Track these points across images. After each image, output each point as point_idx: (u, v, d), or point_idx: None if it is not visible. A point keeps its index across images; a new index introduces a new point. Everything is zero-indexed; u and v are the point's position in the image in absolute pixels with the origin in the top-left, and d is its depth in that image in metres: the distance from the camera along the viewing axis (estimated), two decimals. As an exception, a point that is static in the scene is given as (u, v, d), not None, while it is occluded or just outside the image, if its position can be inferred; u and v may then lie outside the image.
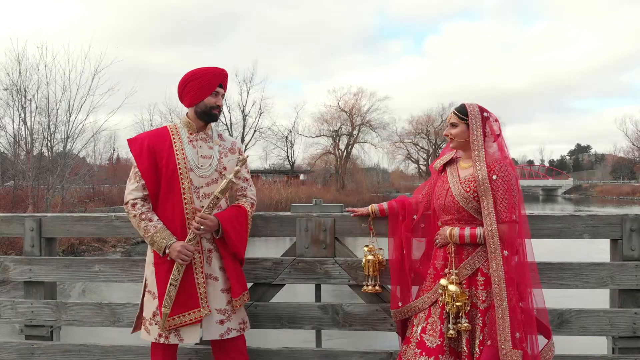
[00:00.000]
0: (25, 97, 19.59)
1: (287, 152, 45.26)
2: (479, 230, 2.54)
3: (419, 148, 59.43)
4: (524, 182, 71.99)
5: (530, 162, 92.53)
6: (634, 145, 56.78)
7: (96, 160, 30.99)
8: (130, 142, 2.78)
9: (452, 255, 2.59)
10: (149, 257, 2.76)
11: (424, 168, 58.11)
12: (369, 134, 48.64)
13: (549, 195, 72.85)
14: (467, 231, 2.56)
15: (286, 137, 45.14)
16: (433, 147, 57.82)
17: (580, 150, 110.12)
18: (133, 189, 2.72)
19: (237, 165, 2.75)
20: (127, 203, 2.73)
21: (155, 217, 2.68)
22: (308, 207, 3.10)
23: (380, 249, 2.95)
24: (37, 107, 19.80)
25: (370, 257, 2.91)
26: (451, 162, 2.77)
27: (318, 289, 3.13)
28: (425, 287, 2.70)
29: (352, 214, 3.03)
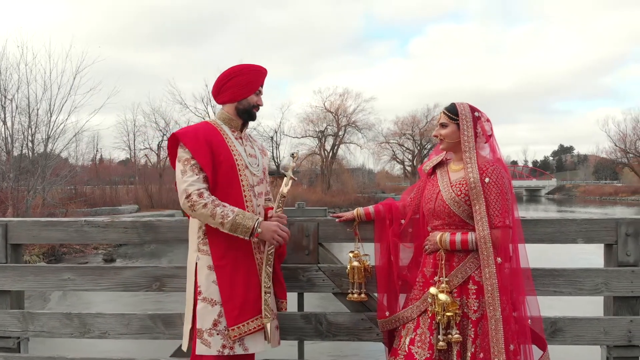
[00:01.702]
0: (5, 96, 19.17)
1: (272, 153, 44.91)
2: (470, 236, 2.41)
3: (404, 149, 59.47)
4: (508, 183, 72.31)
5: (514, 163, 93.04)
6: (616, 146, 57.25)
7: (78, 161, 30.45)
8: (182, 135, 2.50)
9: (442, 262, 2.45)
10: (203, 260, 2.48)
11: (409, 169, 58.17)
12: (355, 134, 48.59)
13: (533, 195, 73.45)
14: (458, 237, 2.43)
15: (272, 137, 44.85)
16: (418, 147, 57.89)
17: (564, 151, 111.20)
18: (193, 180, 2.43)
19: (292, 162, 2.68)
20: (189, 195, 2.41)
21: (227, 204, 2.45)
22: (290, 211, 2.95)
23: (367, 254, 2.81)
24: (17, 107, 19.42)
25: (355, 263, 2.76)
26: (441, 164, 2.64)
27: (301, 297, 2.98)
28: (413, 295, 2.56)
29: (337, 220, 2.88)
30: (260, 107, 2.67)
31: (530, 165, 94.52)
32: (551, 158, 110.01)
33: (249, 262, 2.50)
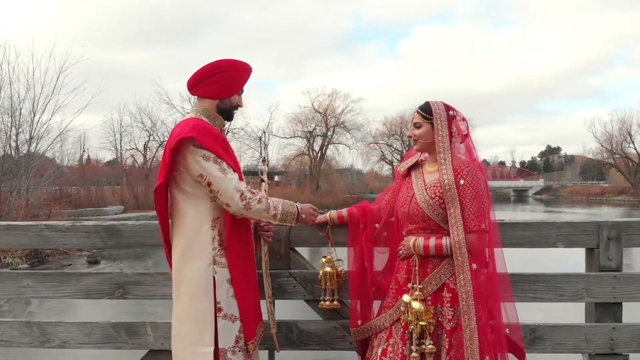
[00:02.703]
0: (-13, 96, 18.86)
1: (260, 153, 44.65)
2: (445, 241, 2.30)
3: (392, 149, 59.48)
4: (495, 183, 73.14)
5: (502, 163, 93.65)
6: (603, 146, 57.68)
7: (64, 161, 30.03)
8: (200, 135, 2.24)
9: (416, 268, 2.34)
10: (221, 273, 2.28)
11: (398, 169, 58.18)
12: (343, 135, 48.55)
13: (520, 196, 73.78)
14: (433, 241, 2.32)
15: (260, 137, 44.59)
16: (407, 148, 57.96)
17: (551, 151, 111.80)
18: (237, 178, 2.29)
19: (263, 165, 2.58)
20: (243, 193, 2.26)
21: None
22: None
23: (340, 260, 2.69)
24: (0, 107, 19.10)
25: (327, 269, 2.64)
26: (416, 165, 2.52)
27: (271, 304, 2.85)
28: (386, 303, 2.45)
29: (308, 222, 2.75)
30: (240, 108, 2.52)
31: (517, 165, 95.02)
32: (538, 158, 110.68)
33: (253, 269, 2.42)
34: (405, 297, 2.29)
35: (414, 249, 2.34)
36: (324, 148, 48.13)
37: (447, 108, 2.39)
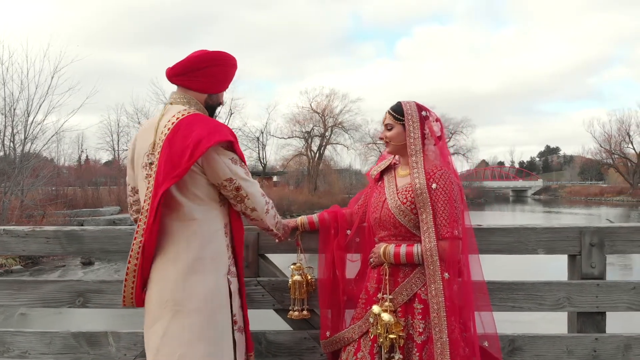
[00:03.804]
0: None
1: (259, 154, 44.53)
2: (416, 248, 2.17)
3: (391, 149, 59.34)
4: (494, 184, 73.03)
5: (501, 164, 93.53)
6: (601, 147, 57.60)
7: (62, 162, 29.91)
8: (234, 137, 2.15)
9: (387, 277, 2.21)
10: (234, 284, 2.17)
11: (396, 169, 58.02)
12: (342, 135, 48.30)
13: (519, 196, 73.72)
14: (403, 249, 2.19)
15: (258, 138, 44.43)
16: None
17: (550, 151, 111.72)
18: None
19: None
20: (265, 197, 2.23)
21: None
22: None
23: (310, 267, 2.56)
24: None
25: (297, 277, 2.52)
26: (389, 169, 2.40)
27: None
28: (356, 314, 2.33)
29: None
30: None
31: (516, 166, 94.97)
32: (537, 159, 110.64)
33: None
34: (375, 308, 2.17)
35: (384, 256, 2.22)
36: (322, 148, 47.93)
37: (420, 108, 2.27)
